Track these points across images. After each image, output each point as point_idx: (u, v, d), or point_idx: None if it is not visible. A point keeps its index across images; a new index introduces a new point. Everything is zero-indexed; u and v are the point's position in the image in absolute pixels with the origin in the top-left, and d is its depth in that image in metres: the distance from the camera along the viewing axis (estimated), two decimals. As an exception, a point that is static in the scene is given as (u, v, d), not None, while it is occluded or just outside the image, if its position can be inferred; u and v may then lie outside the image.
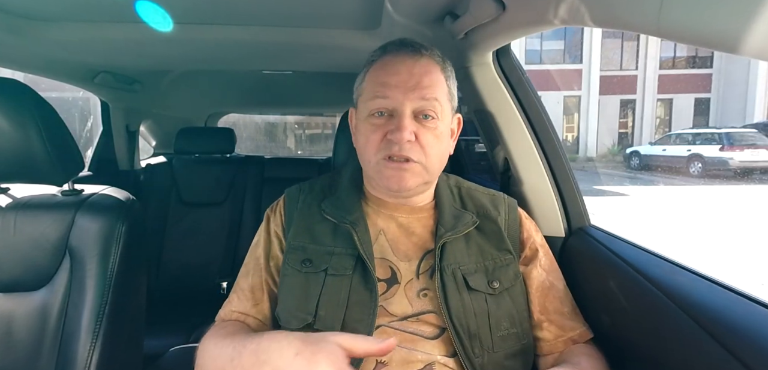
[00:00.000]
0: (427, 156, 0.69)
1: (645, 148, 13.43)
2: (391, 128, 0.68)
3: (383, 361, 0.64)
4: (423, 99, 0.68)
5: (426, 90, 0.68)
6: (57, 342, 0.81)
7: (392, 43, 0.73)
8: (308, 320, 0.66)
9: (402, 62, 0.70)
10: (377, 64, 0.72)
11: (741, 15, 0.36)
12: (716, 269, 0.82)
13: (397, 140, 0.67)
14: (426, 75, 0.69)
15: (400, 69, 0.69)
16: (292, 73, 1.97)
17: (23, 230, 0.82)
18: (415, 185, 0.71)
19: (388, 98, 0.68)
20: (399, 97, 0.68)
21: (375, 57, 0.73)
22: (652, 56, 16.27)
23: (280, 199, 0.82)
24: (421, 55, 0.70)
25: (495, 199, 0.81)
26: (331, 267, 0.69)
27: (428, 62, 0.70)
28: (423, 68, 0.69)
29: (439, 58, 0.73)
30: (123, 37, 1.18)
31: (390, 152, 0.68)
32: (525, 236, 0.79)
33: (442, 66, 0.72)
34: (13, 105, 0.76)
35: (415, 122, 0.68)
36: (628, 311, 0.69)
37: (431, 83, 0.69)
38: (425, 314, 0.68)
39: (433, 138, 0.69)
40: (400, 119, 0.67)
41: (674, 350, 0.59)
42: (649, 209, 7.86)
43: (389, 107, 0.69)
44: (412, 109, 0.68)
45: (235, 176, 1.99)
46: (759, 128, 11.01)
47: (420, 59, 0.70)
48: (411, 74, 0.68)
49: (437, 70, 0.71)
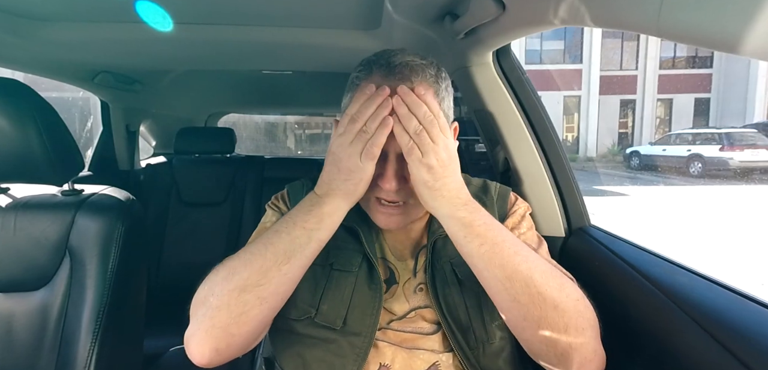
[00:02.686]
0: (414, 196, 0.63)
1: (645, 148, 13.43)
2: (379, 172, 0.62)
3: (386, 364, 0.64)
4: None
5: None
6: (57, 342, 0.81)
7: (379, 64, 0.63)
8: (310, 313, 0.66)
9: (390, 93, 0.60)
10: (362, 88, 0.62)
11: (741, 15, 0.36)
12: (716, 269, 0.82)
13: (385, 189, 0.62)
14: (421, 107, 0.59)
15: (387, 104, 0.59)
16: (291, 73, 1.97)
17: (23, 230, 0.82)
18: (405, 223, 0.68)
19: None
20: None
21: (360, 80, 0.63)
22: (652, 56, 16.26)
23: (283, 190, 0.80)
24: (412, 84, 0.60)
25: (487, 186, 0.78)
26: (338, 262, 0.69)
27: (421, 88, 0.60)
28: (418, 98, 0.59)
29: (431, 78, 0.63)
30: (123, 37, 1.18)
31: (380, 195, 0.64)
32: (510, 209, 0.76)
33: (436, 88, 0.63)
34: (13, 105, 0.76)
35: (401, 162, 0.61)
36: (628, 311, 0.69)
37: (422, 120, 0.60)
38: (422, 309, 0.68)
39: None
40: (386, 167, 0.61)
41: (674, 350, 0.59)
42: (650, 209, 7.86)
43: None
44: (398, 152, 0.60)
45: (235, 176, 1.99)
46: (759, 128, 11.01)
47: (414, 87, 0.60)
48: (399, 109, 0.59)
49: (430, 98, 0.60)
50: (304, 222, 0.60)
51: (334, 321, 0.65)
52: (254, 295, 0.57)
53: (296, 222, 0.60)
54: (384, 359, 0.64)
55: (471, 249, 0.58)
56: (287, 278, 0.59)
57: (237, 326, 0.57)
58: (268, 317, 0.62)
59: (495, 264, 0.57)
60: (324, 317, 0.65)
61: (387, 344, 0.65)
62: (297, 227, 0.60)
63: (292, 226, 0.60)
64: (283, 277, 0.59)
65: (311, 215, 0.60)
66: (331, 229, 0.61)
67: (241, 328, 0.58)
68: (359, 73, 0.65)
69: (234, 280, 0.58)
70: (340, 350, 0.63)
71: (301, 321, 0.66)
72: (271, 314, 0.61)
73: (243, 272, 0.58)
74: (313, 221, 0.60)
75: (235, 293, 0.57)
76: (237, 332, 0.58)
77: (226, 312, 0.57)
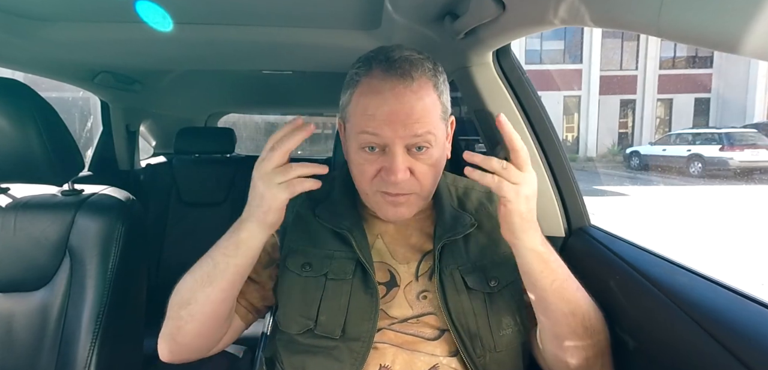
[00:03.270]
0: (422, 186, 0.66)
1: (645, 148, 13.43)
2: (384, 165, 0.63)
3: (387, 365, 0.64)
4: (416, 135, 0.61)
5: (418, 124, 0.61)
6: (57, 342, 0.81)
7: (378, 60, 0.64)
8: (309, 326, 0.66)
9: (391, 90, 0.61)
10: (363, 86, 0.63)
11: (741, 15, 0.36)
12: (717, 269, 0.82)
13: (391, 182, 0.62)
14: (418, 103, 0.61)
15: (389, 98, 0.60)
16: (292, 73, 1.97)
17: (23, 230, 0.82)
18: (411, 214, 0.69)
19: (377, 135, 0.62)
20: (389, 134, 0.61)
21: (360, 76, 0.64)
22: (652, 56, 16.26)
23: None
24: (413, 79, 0.61)
25: (492, 194, 0.79)
26: (331, 272, 0.69)
27: (420, 86, 0.62)
28: (415, 95, 0.61)
29: (430, 72, 0.64)
30: (123, 37, 1.18)
31: (385, 189, 0.65)
32: None
33: (435, 81, 0.64)
34: (13, 105, 0.76)
35: (408, 157, 0.63)
36: (628, 311, 0.69)
37: (424, 113, 0.61)
38: (426, 316, 0.68)
39: (429, 167, 0.65)
40: (392, 160, 0.62)
41: (674, 349, 0.59)
42: (650, 209, 7.85)
43: (379, 144, 0.63)
44: (404, 145, 0.62)
45: (235, 176, 1.99)
46: (759, 128, 11.01)
47: (411, 85, 0.61)
48: (402, 105, 0.60)
49: (430, 90, 0.63)
50: (224, 248, 0.63)
51: (333, 331, 0.65)
52: (186, 312, 0.63)
53: (219, 247, 0.64)
54: (385, 360, 0.64)
55: (545, 284, 0.61)
56: (210, 300, 0.63)
57: (180, 336, 0.65)
58: (208, 331, 0.66)
59: (563, 299, 0.61)
60: (323, 327, 0.66)
61: (388, 345, 0.65)
62: (219, 252, 0.63)
63: (215, 250, 0.64)
64: (206, 298, 0.62)
65: (230, 242, 0.63)
66: (248, 256, 0.63)
67: (182, 338, 0.65)
68: (358, 69, 0.65)
69: (175, 296, 0.65)
70: (340, 355, 0.64)
71: (303, 334, 0.67)
72: (207, 330, 0.66)
73: (181, 289, 0.65)
74: (231, 247, 0.62)
75: (175, 308, 0.64)
76: (181, 341, 0.65)
77: (171, 323, 0.65)
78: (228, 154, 2.13)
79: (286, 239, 0.74)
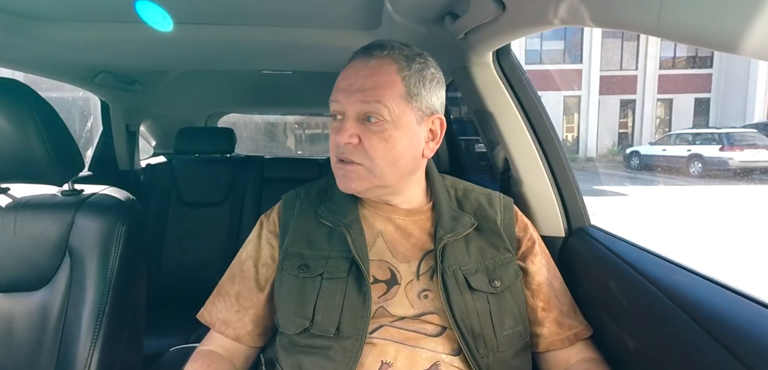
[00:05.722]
0: (371, 159, 0.68)
1: (645, 148, 13.42)
2: (336, 129, 0.69)
3: (388, 362, 0.64)
4: (363, 102, 0.67)
5: (368, 93, 0.66)
6: (57, 342, 0.81)
7: (360, 48, 0.73)
8: (305, 325, 0.67)
9: (353, 66, 0.70)
10: None
11: (741, 15, 0.36)
12: (717, 269, 0.82)
13: (336, 143, 0.69)
14: (372, 77, 0.67)
15: (349, 73, 0.70)
16: (292, 73, 1.97)
17: (23, 230, 0.82)
18: (361, 189, 0.71)
19: (336, 102, 0.70)
20: (343, 101, 0.68)
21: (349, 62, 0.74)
22: (652, 56, 16.26)
23: (276, 205, 0.82)
24: (372, 56, 0.69)
25: (491, 198, 0.81)
26: (327, 271, 0.69)
27: (379, 63, 0.68)
28: (370, 70, 0.68)
29: (400, 56, 0.69)
30: (123, 37, 1.18)
31: (340, 156, 0.70)
32: (520, 232, 0.79)
33: (402, 65, 0.68)
34: (13, 105, 0.76)
35: (360, 125, 0.68)
36: (628, 311, 0.69)
37: (376, 85, 0.67)
38: (427, 315, 0.68)
39: (379, 141, 0.67)
40: (340, 123, 0.69)
41: (674, 349, 0.59)
42: (650, 209, 7.86)
43: (338, 111, 0.70)
44: (355, 112, 0.68)
45: (235, 176, 1.99)
46: (759, 128, 11.01)
47: (369, 61, 0.69)
48: (357, 77, 0.68)
49: (391, 70, 0.68)
50: None
51: (328, 330, 0.65)
52: None
53: None
54: (386, 357, 0.64)
55: None
56: None
57: None
58: None
59: None
60: (318, 327, 0.66)
61: (390, 341, 0.65)
62: None
63: None
64: None
65: None
66: None
67: None
68: None
69: None
70: (334, 355, 0.64)
71: (300, 334, 0.67)
72: None
73: None
74: None
75: None
76: None
77: None
78: (228, 154, 2.13)
79: (286, 242, 0.74)
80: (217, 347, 0.74)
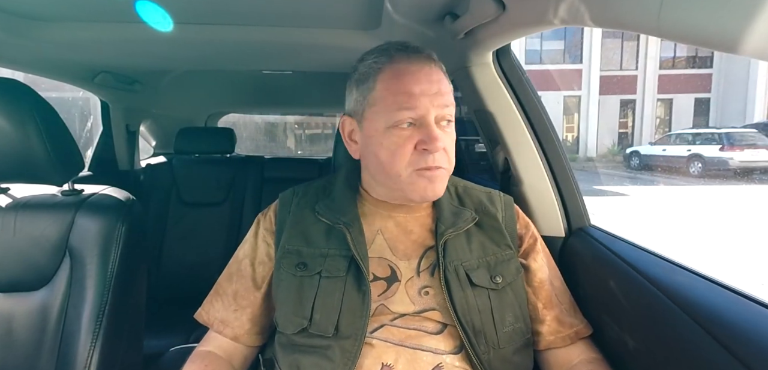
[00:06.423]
0: (450, 161, 0.70)
1: (645, 148, 13.43)
2: (421, 138, 0.66)
3: (389, 364, 0.64)
4: (446, 106, 0.68)
5: (445, 96, 0.68)
6: (57, 342, 0.81)
7: (395, 47, 0.70)
8: (303, 325, 0.66)
9: (420, 70, 0.68)
10: (389, 71, 0.68)
11: (741, 15, 0.36)
12: (717, 269, 0.82)
13: (433, 151, 0.66)
14: (443, 81, 0.69)
15: (421, 77, 0.67)
16: (292, 73, 1.97)
17: (23, 230, 0.82)
18: (443, 191, 0.72)
19: (415, 108, 0.66)
20: (426, 106, 0.66)
21: (382, 63, 0.69)
22: (652, 56, 16.26)
23: (273, 203, 0.82)
24: (434, 60, 0.71)
25: (491, 195, 0.81)
26: (325, 270, 0.69)
27: (437, 67, 0.71)
28: (439, 74, 0.70)
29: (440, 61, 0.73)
30: (123, 37, 1.18)
31: (425, 164, 0.67)
32: (522, 230, 0.79)
33: (445, 70, 0.73)
34: (13, 105, 0.76)
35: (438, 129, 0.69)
36: (628, 311, 0.69)
37: (448, 89, 0.70)
38: (428, 312, 0.68)
39: (452, 142, 0.71)
40: (430, 129, 0.66)
41: (674, 349, 0.59)
42: (650, 209, 7.86)
43: (417, 117, 0.66)
44: (437, 116, 0.68)
45: (235, 176, 1.99)
46: (759, 128, 11.01)
47: (434, 65, 0.70)
48: (431, 81, 0.67)
49: (445, 75, 0.72)
50: None
51: (327, 329, 0.65)
52: None
53: None
54: (387, 359, 0.64)
55: None
56: None
57: None
58: None
59: None
60: (317, 326, 0.66)
61: (390, 343, 0.65)
62: None
63: None
64: None
65: None
66: None
67: None
68: (376, 59, 0.70)
69: None
70: (332, 354, 0.64)
71: (298, 334, 0.67)
72: None
73: None
74: None
75: None
76: None
77: None
78: (228, 154, 2.13)
79: (282, 240, 0.74)
80: (215, 348, 0.74)
